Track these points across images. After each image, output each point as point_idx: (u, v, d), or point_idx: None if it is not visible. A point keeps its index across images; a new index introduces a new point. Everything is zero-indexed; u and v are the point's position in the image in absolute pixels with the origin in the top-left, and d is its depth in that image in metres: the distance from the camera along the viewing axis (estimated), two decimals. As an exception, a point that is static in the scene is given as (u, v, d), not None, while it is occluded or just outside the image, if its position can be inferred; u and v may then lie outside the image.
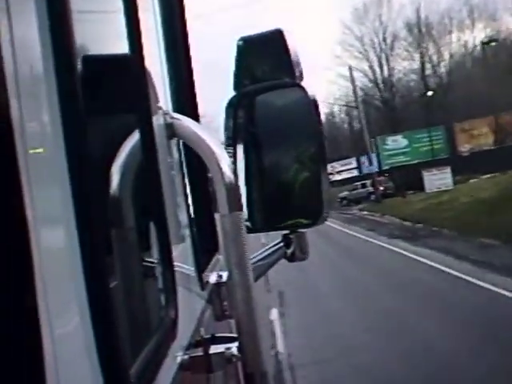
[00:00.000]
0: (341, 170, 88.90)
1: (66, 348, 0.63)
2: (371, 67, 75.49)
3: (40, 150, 0.65)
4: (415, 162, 63.08)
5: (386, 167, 68.41)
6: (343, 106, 73.77)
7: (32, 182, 0.59)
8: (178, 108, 1.78)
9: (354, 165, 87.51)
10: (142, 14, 1.20)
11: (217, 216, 1.50)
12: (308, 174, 1.90)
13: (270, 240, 2.07)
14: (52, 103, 0.69)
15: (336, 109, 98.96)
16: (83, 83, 0.78)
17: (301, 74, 1.86)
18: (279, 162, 1.98)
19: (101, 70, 1.03)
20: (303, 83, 1.86)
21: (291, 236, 1.94)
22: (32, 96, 0.65)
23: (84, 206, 0.71)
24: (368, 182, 68.33)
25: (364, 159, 78.12)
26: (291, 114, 1.94)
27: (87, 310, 0.70)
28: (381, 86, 74.21)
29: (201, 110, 2.17)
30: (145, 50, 1.19)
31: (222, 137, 1.92)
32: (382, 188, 62.79)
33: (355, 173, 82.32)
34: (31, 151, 0.60)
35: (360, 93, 74.93)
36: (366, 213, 50.41)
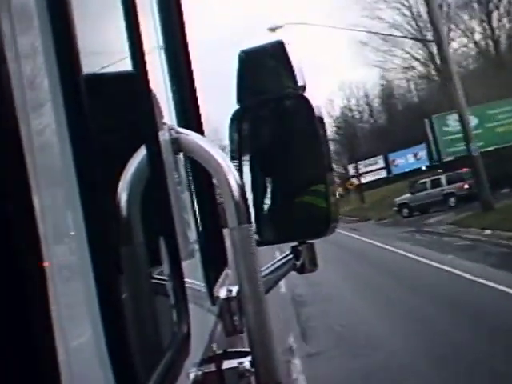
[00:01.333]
0: (365, 171, 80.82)
1: (79, 366, 0.63)
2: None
3: (49, 168, 0.65)
4: (492, 147, 40.62)
5: (449, 158, 44.59)
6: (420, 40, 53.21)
7: (42, 199, 0.59)
8: (182, 123, 1.78)
9: (381, 164, 79.09)
10: (144, 32, 1.20)
11: (225, 230, 1.49)
12: (314, 184, 1.89)
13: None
14: (59, 121, 0.69)
15: (353, 102, 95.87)
16: (89, 101, 0.77)
17: (304, 84, 1.86)
18: (285, 174, 1.98)
19: (106, 87, 1.03)
20: (307, 94, 1.86)
21: (300, 248, 1.93)
22: (39, 115, 0.65)
23: (93, 223, 0.71)
24: (443, 177, 45.57)
25: (416, 151, 65.98)
26: (295, 125, 1.94)
27: (100, 327, 0.69)
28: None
29: (205, 124, 2.17)
30: (148, 66, 1.19)
31: (226, 151, 1.92)
32: (466, 186, 41.44)
33: (383, 174, 75.44)
34: (40, 169, 0.60)
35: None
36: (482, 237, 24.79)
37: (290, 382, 9.85)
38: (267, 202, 1.99)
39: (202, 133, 2.01)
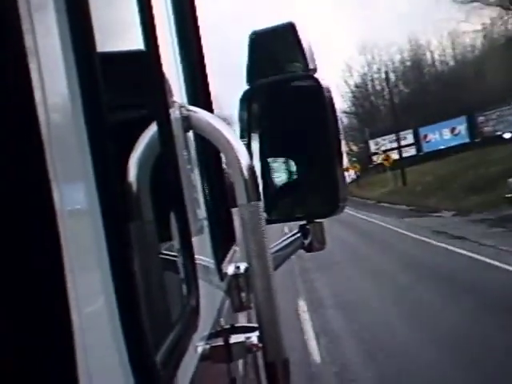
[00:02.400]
0: (388, 148, 69.69)
1: (93, 336, 0.65)
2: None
3: (62, 143, 0.66)
4: None
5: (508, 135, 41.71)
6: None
7: (58, 176, 0.60)
8: (192, 101, 1.79)
9: (410, 140, 66.72)
10: (155, 11, 1.21)
11: (233, 208, 1.51)
12: (323, 164, 1.91)
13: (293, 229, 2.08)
14: (74, 99, 0.70)
15: (375, 69, 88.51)
16: (101, 79, 0.79)
17: (314, 66, 1.87)
18: (294, 154, 1.99)
19: (118, 65, 1.04)
20: (317, 75, 1.87)
21: (308, 226, 1.95)
22: (54, 91, 0.66)
23: (106, 200, 0.73)
24: None
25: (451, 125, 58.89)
26: (305, 105, 1.95)
27: (114, 300, 0.72)
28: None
29: (214, 103, 2.19)
30: (159, 44, 1.20)
31: (236, 130, 1.94)
32: None
33: (411, 152, 64.06)
34: (54, 143, 0.62)
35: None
36: None
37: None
38: (275, 180, 2.01)
39: (211, 111, 2.02)
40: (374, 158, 77.96)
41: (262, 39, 1.90)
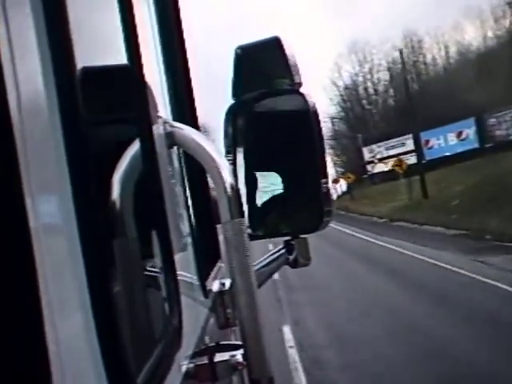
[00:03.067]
0: (384, 156, 64.55)
1: (71, 359, 0.63)
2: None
3: (41, 160, 0.65)
4: None
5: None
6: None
7: (33, 191, 0.59)
8: (177, 117, 1.78)
9: (410, 146, 56.64)
10: (139, 25, 1.20)
11: (219, 224, 1.50)
12: (308, 179, 1.90)
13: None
14: (52, 113, 0.69)
15: (366, 69, 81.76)
16: (83, 94, 0.78)
17: (300, 80, 1.87)
18: (279, 168, 1.99)
19: (100, 80, 1.03)
20: (302, 89, 1.87)
21: (293, 242, 1.94)
22: (32, 106, 0.65)
23: (86, 216, 0.71)
24: None
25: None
26: (290, 120, 1.95)
27: (91, 319, 0.70)
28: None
29: (200, 119, 2.18)
30: (143, 59, 1.19)
31: (220, 146, 1.93)
32: None
33: (412, 160, 51.89)
34: (32, 161, 0.60)
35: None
36: None
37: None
38: (260, 196, 2.00)
39: (197, 127, 2.01)
40: (369, 167, 72.73)
41: (247, 54, 1.90)
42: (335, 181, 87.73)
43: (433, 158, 56.46)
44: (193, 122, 2.00)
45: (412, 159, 54.04)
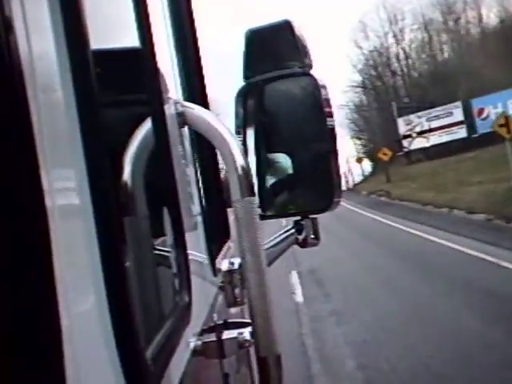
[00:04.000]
0: (425, 129, 54.13)
1: (83, 332, 0.65)
2: None
3: (55, 139, 0.66)
4: None
5: None
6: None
7: (48, 169, 0.61)
8: (188, 97, 1.79)
9: (458, 116, 47.49)
10: (150, 6, 1.22)
11: (229, 204, 1.52)
12: (318, 160, 1.91)
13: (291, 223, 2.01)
14: (66, 93, 0.71)
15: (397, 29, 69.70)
16: (96, 74, 0.79)
17: (310, 62, 1.88)
18: (289, 150, 2.00)
19: (113, 61, 1.05)
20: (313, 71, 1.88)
21: (303, 222, 1.96)
22: (46, 87, 0.67)
23: (99, 195, 0.73)
24: None
25: None
26: (301, 102, 1.96)
27: (104, 294, 0.72)
28: None
29: (210, 100, 2.19)
30: (154, 40, 1.21)
31: (231, 127, 1.94)
32: None
33: (461, 133, 44.18)
34: (47, 140, 0.62)
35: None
36: None
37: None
38: (270, 176, 2.01)
39: (207, 107, 2.03)
40: (405, 142, 59.11)
41: (258, 36, 1.91)
42: (359, 160, 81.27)
43: (488, 131, 40.66)
44: (203, 103, 2.01)
45: (460, 133, 45.37)
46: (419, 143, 58.10)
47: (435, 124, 54.03)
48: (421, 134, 56.56)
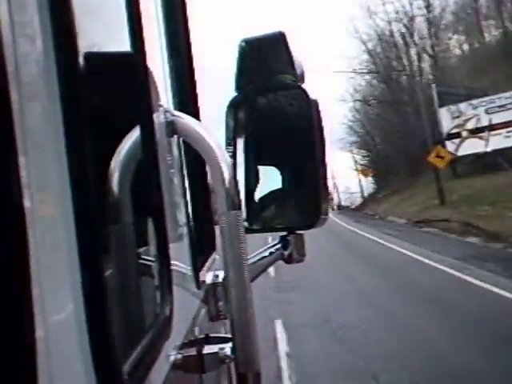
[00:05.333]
0: (481, 126, 36.13)
1: (58, 342, 0.63)
2: None
3: (40, 146, 0.65)
4: None
5: None
6: None
7: (31, 176, 0.59)
8: (179, 106, 1.78)
9: None
10: (143, 12, 1.20)
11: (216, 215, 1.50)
12: (306, 175, 1.90)
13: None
14: (53, 100, 0.69)
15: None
16: (84, 80, 0.78)
17: (302, 75, 1.87)
18: (279, 163, 1.99)
19: (102, 67, 1.03)
20: (305, 85, 1.87)
21: (289, 237, 1.94)
22: (33, 92, 0.65)
23: (82, 202, 0.71)
24: None
25: None
26: (292, 115, 1.95)
27: (82, 305, 0.70)
28: None
29: (201, 109, 2.18)
30: (146, 47, 1.19)
31: (221, 137, 1.93)
32: None
33: None
34: (31, 146, 0.60)
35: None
36: None
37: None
38: (259, 190, 2.00)
39: (198, 117, 2.01)
40: (449, 144, 38.28)
41: (251, 47, 1.90)
42: (364, 172, 70.71)
43: None
44: (194, 113, 1.99)
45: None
46: (472, 147, 37.88)
47: (499, 118, 35.20)
48: (476, 132, 37.24)
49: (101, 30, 1.04)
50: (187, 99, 1.97)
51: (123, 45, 1.14)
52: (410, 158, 54.52)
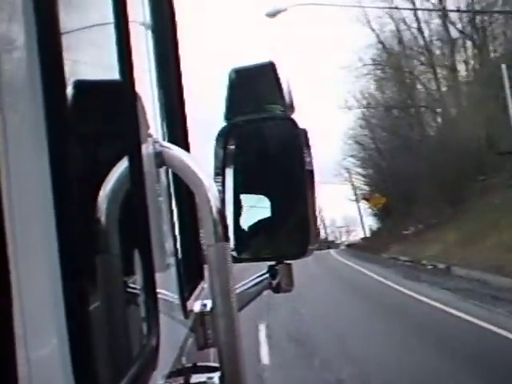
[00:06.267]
0: None
1: (41, 376, 0.63)
2: None
3: (24, 173, 0.65)
4: None
5: None
6: None
7: (15, 207, 0.59)
8: (168, 136, 1.78)
9: None
10: (133, 41, 1.21)
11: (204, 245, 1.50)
12: (295, 205, 1.91)
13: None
14: (39, 129, 0.69)
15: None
16: (73, 108, 0.78)
17: (292, 106, 1.88)
18: (267, 193, 1.99)
19: (91, 96, 1.03)
20: (294, 115, 1.88)
21: (277, 267, 1.94)
22: (18, 120, 0.65)
23: (68, 231, 0.71)
24: None
25: None
26: (281, 145, 1.96)
27: (66, 336, 0.69)
28: None
29: (191, 139, 2.18)
30: (136, 76, 1.19)
31: (210, 167, 1.93)
32: None
33: None
34: (15, 174, 0.60)
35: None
36: None
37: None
38: (247, 219, 2.00)
39: (187, 147, 2.02)
40: None
41: (241, 76, 1.91)
42: (373, 201, 52.17)
43: None
44: (184, 143, 2.00)
45: None
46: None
47: None
48: None
49: (90, 58, 1.04)
50: (177, 129, 1.98)
51: (112, 74, 1.14)
52: (447, 179, 38.01)
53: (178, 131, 1.99)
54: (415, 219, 45.14)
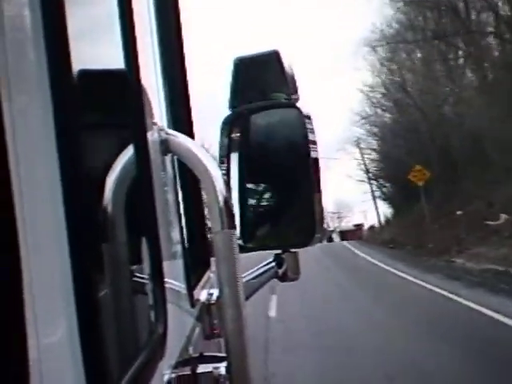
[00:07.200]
0: None
1: (51, 363, 0.63)
2: None
3: (33, 164, 0.64)
4: None
5: None
6: None
7: (24, 195, 0.59)
8: (173, 124, 1.78)
9: None
10: (138, 29, 1.20)
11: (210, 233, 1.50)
12: (301, 193, 1.90)
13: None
14: (46, 117, 0.69)
15: None
16: (78, 97, 0.78)
17: (297, 93, 1.88)
18: (272, 181, 1.99)
19: (96, 84, 1.03)
20: (299, 103, 1.87)
21: (283, 256, 1.94)
22: (26, 109, 0.65)
23: (76, 220, 0.71)
24: None
25: None
26: (285, 133, 1.95)
27: (75, 324, 0.69)
28: None
29: (196, 127, 2.18)
30: (141, 65, 1.19)
31: (215, 155, 1.93)
32: None
33: None
34: (24, 165, 0.60)
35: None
36: None
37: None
38: (253, 208, 1.99)
39: (192, 135, 2.01)
40: None
41: (245, 65, 1.91)
42: (418, 175, 29.77)
43: None
44: (188, 130, 1.99)
45: None
46: None
47: None
48: None
49: (95, 48, 1.04)
50: (181, 117, 1.98)
51: (117, 62, 1.14)
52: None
53: (182, 119, 1.99)
54: (487, 201, 31.05)
